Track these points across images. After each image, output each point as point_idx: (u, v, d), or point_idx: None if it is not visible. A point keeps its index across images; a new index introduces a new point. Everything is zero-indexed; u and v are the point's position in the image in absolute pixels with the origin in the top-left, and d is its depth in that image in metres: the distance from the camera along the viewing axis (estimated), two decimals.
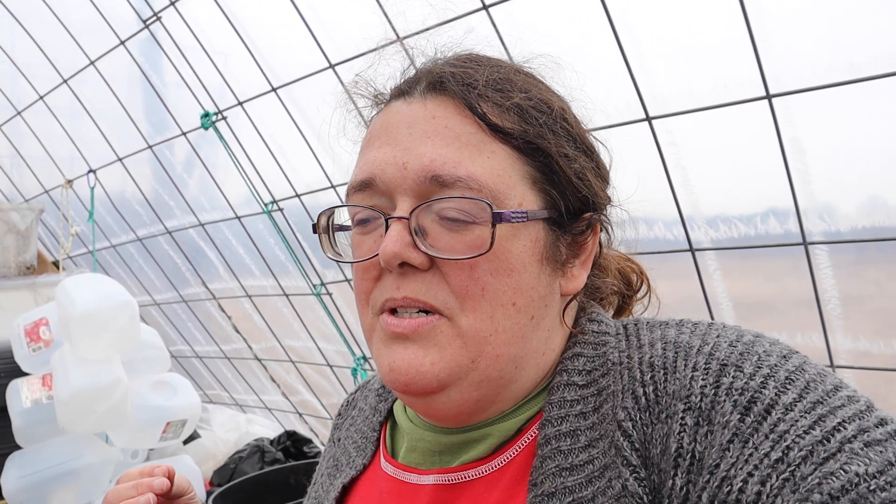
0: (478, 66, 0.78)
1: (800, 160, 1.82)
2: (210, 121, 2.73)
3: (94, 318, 2.86)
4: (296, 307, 3.37)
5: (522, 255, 0.73)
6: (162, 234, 3.67)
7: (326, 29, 2.26)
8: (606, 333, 0.78)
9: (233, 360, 4.09)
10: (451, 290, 0.71)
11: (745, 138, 1.90)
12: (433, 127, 0.74)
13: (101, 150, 3.61)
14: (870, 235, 1.85)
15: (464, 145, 0.73)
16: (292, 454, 3.62)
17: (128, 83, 3.29)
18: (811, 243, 1.89)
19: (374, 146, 0.77)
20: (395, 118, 0.77)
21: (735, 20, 1.67)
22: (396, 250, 0.70)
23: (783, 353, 0.66)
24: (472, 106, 0.74)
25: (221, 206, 3.23)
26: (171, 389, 3.29)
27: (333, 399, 3.72)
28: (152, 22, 2.63)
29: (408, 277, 0.72)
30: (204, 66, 2.70)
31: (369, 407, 0.96)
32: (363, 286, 0.77)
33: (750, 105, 1.78)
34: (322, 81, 2.39)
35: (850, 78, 1.64)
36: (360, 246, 0.77)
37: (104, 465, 3.16)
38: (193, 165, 3.25)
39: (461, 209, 0.71)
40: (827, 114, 1.78)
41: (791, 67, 1.71)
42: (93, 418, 2.91)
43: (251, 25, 2.44)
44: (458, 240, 0.71)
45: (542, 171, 0.76)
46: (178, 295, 3.97)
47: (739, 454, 0.59)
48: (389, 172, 0.73)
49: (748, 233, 2.04)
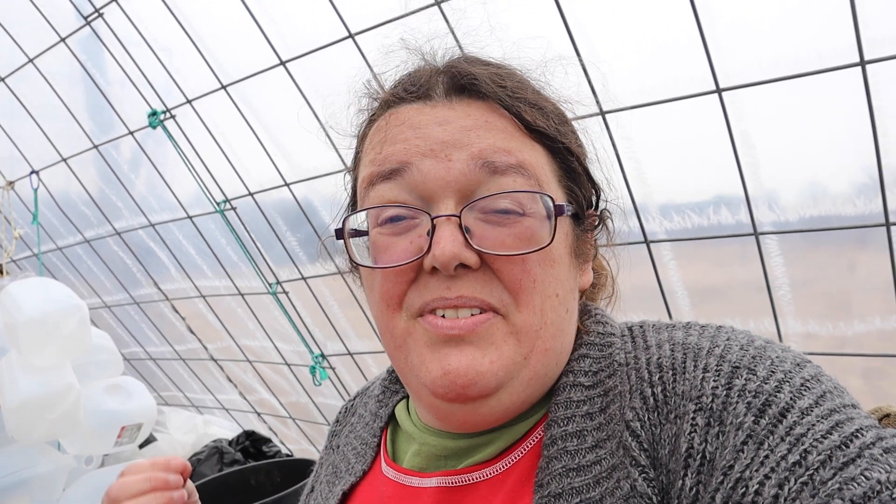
0: (494, 66, 0.77)
1: (749, 153, 1.86)
2: (158, 119, 2.66)
3: (41, 323, 2.77)
4: (251, 306, 3.33)
5: (560, 247, 0.73)
6: (111, 235, 3.58)
7: (276, 25, 2.23)
8: (612, 335, 0.78)
9: (188, 360, 4.01)
10: (505, 286, 0.70)
11: (696, 131, 1.93)
12: (473, 122, 0.72)
13: (44, 151, 3.49)
14: (816, 224, 1.90)
15: (510, 136, 0.72)
16: (252, 454, 3.58)
17: (70, 81, 3.18)
18: (762, 233, 1.94)
19: (397, 141, 0.73)
20: (418, 118, 0.74)
21: (685, 17, 1.69)
22: (456, 251, 0.67)
23: (797, 361, 0.65)
24: (508, 105, 0.73)
25: (172, 205, 3.16)
26: (124, 393, 3.21)
27: (292, 398, 3.68)
28: (94, 18, 2.55)
29: (459, 278, 0.69)
30: (151, 64, 2.63)
31: (369, 413, 0.95)
32: (395, 290, 0.73)
33: (701, 99, 1.81)
34: (272, 78, 2.36)
35: (796, 73, 1.68)
36: (389, 248, 0.73)
37: (57, 473, 3.08)
38: (141, 165, 3.17)
39: (514, 199, 0.70)
40: (775, 107, 1.82)
41: (740, 63, 1.74)
42: (44, 426, 2.83)
43: (198, 22, 2.38)
44: (506, 234, 0.70)
45: (564, 169, 0.77)
46: (130, 296, 3.88)
47: (755, 456, 0.58)
48: (428, 165, 0.70)
49: (701, 223, 2.08)
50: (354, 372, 3.17)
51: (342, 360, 3.18)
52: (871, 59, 1.54)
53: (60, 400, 2.82)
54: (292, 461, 3.12)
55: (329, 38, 2.15)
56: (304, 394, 3.53)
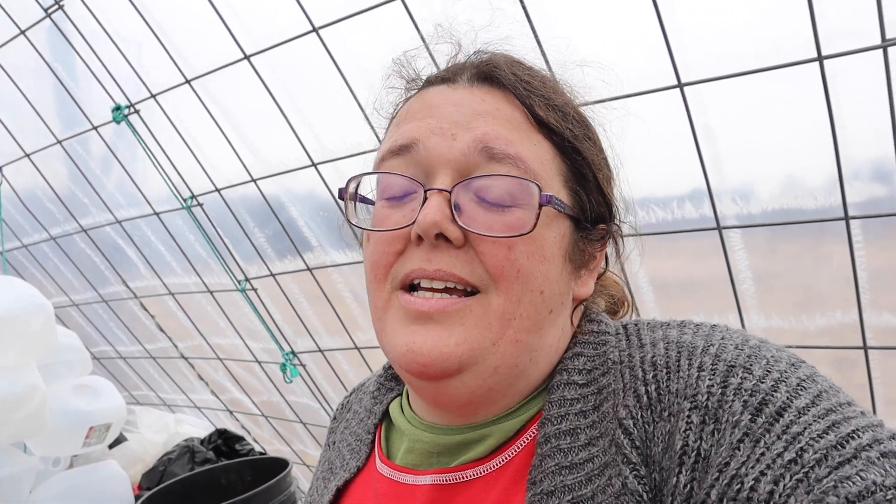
0: (524, 65, 0.80)
1: (712, 146, 1.87)
2: (122, 114, 2.62)
3: (5, 322, 2.72)
4: (221, 304, 3.30)
5: (553, 245, 0.74)
6: (77, 233, 3.53)
7: (240, 19, 2.20)
8: (606, 333, 0.78)
9: (158, 359, 3.97)
10: (486, 268, 0.71)
11: (659, 126, 1.93)
12: (484, 107, 0.74)
13: (8, 147, 3.43)
14: (780, 217, 1.91)
15: (515, 128, 0.74)
16: (224, 453, 3.55)
17: (36, 75, 3.12)
18: (725, 227, 1.95)
19: (414, 119, 0.76)
20: (437, 98, 0.76)
21: (647, 11, 1.70)
22: (437, 219, 0.69)
23: (792, 361, 0.66)
24: (521, 96, 0.75)
25: (139, 202, 3.12)
26: (92, 393, 3.17)
27: (263, 396, 3.65)
28: (54, 10, 2.51)
29: (440, 251, 0.71)
30: (114, 58, 2.59)
31: (364, 409, 0.95)
32: (383, 259, 0.75)
33: (663, 94, 1.81)
34: (237, 72, 2.33)
35: (757, 67, 1.69)
36: (386, 218, 0.75)
37: (23, 474, 3.02)
38: (108, 161, 3.12)
39: (506, 189, 0.71)
40: (737, 102, 1.82)
41: (702, 57, 1.74)
42: (9, 428, 2.78)
43: (162, 15, 2.35)
44: (496, 220, 0.71)
45: (573, 172, 0.77)
46: (98, 295, 3.83)
47: (751, 453, 0.58)
48: (434, 141, 0.73)
49: (665, 217, 2.08)
50: (325, 369, 3.15)
51: (313, 358, 3.16)
52: (829, 54, 1.55)
53: (25, 400, 2.77)
54: (263, 459, 3.09)
55: (293, 32, 2.12)
56: (275, 392, 3.50)
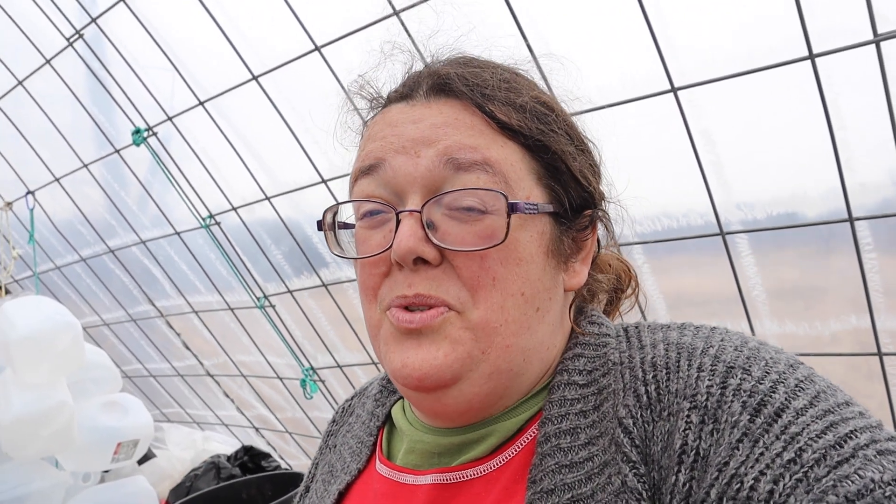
0: (480, 68, 0.79)
1: (711, 150, 1.85)
2: (141, 137, 2.71)
3: (34, 340, 2.81)
4: (242, 321, 3.35)
5: (530, 245, 0.74)
6: (105, 253, 3.63)
7: (247, 40, 2.26)
8: (607, 335, 0.79)
9: (186, 377, 4.05)
10: (463, 283, 0.72)
11: (657, 133, 1.92)
12: (443, 119, 0.75)
13: (42, 171, 3.57)
14: (785, 221, 1.88)
15: (478, 133, 0.74)
16: (250, 469, 3.59)
17: (67, 101, 3.25)
18: (728, 233, 1.92)
19: (377, 138, 0.77)
20: (397, 117, 0.77)
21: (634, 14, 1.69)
22: (411, 245, 0.70)
23: (790, 362, 0.66)
24: (479, 104, 0.75)
25: (162, 222, 3.20)
26: (121, 410, 3.24)
27: (287, 413, 3.69)
28: (75, 39, 2.61)
29: (419, 273, 0.72)
30: (132, 83, 2.68)
31: (366, 412, 0.96)
32: (370, 282, 0.76)
33: (658, 99, 1.80)
34: (247, 93, 2.39)
35: (751, 68, 1.67)
36: (366, 241, 0.76)
37: (54, 489, 3.11)
38: (132, 182, 3.22)
39: (476, 197, 0.72)
40: (736, 105, 1.80)
41: (695, 60, 1.73)
42: (38, 443, 2.86)
43: (174, 40, 2.43)
44: (469, 231, 0.71)
45: (546, 168, 0.77)
46: (127, 314, 3.93)
47: (750, 453, 0.59)
48: (399, 161, 0.73)
49: (671, 225, 2.06)
50: (345, 384, 3.17)
51: (333, 373, 3.19)
52: (820, 52, 1.53)
53: (54, 417, 2.85)
54: (284, 474, 3.12)
55: (297, 52, 2.17)
56: (298, 409, 3.54)
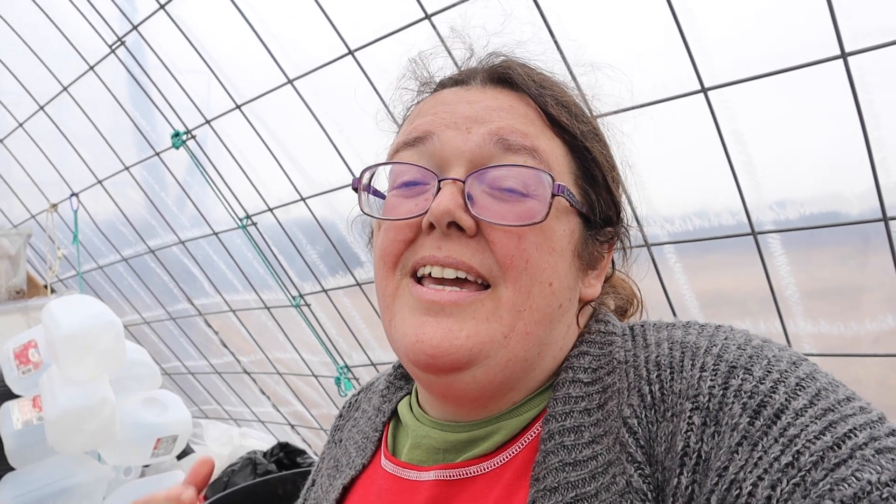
0: (536, 69, 0.82)
1: (743, 152, 1.84)
2: (180, 140, 2.78)
3: (78, 338, 2.89)
4: (279, 319, 3.41)
5: (563, 238, 0.75)
6: (147, 253, 3.73)
7: (282, 45, 2.31)
8: (613, 333, 0.78)
9: (224, 374, 4.13)
10: (496, 258, 0.71)
11: (689, 133, 1.92)
12: (498, 104, 0.76)
13: (85, 174, 3.67)
14: (820, 221, 1.86)
15: (529, 122, 0.76)
16: (286, 465, 3.64)
17: (112, 106, 3.34)
18: (760, 233, 1.91)
19: (427, 114, 0.78)
20: (450, 97, 0.78)
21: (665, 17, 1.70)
22: (450, 207, 0.70)
23: (793, 360, 0.65)
24: (534, 95, 0.77)
25: (200, 223, 3.28)
26: (160, 406, 3.32)
27: (323, 410, 3.75)
28: (117, 46, 2.69)
29: (451, 239, 0.71)
30: (172, 87, 2.75)
31: (373, 408, 0.96)
32: (393, 248, 0.75)
33: (689, 100, 1.80)
34: (283, 96, 2.44)
35: (781, 67, 1.66)
36: (397, 206, 0.76)
37: (97, 482, 3.20)
38: (172, 184, 3.30)
39: (520, 179, 0.72)
40: (767, 105, 1.79)
41: (725, 60, 1.73)
42: (81, 437, 2.95)
43: (211, 46, 2.49)
44: (508, 209, 0.71)
45: (584, 172, 0.78)
46: (166, 312, 4.02)
47: (748, 457, 0.59)
48: (449, 134, 0.74)
49: (703, 225, 2.06)
50: None
51: (367, 371, 3.23)
52: (852, 50, 1.52)
53: (96, 412, 2.93)
54: None
55: (331, 56, 2.21)
56: (333, 405, 3.59)
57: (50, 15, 2.88)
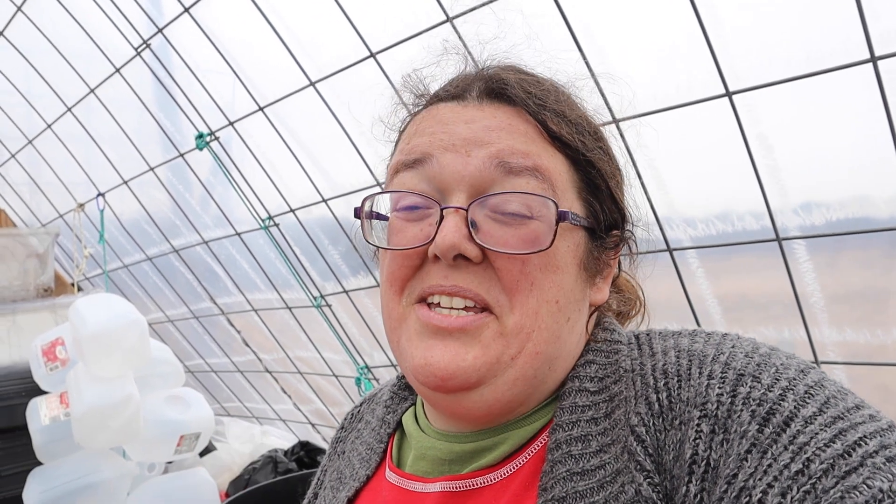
0: (534, 78, 0.80)
1: (768, 156, 1.82)
2: (204, 141, 2.80)
3: (104, 336, 2.93)
4: (300, 319, 3.43)
5: (567, 255, 0.74)
6: (171, 252, 3.77)
7: (304, 48, 2.32)
8: (619, 342, 0.78)
9: (246, 372, 4.16)
10: (502, 285, 0.71)
11: (713, 136, 1.90)
12: (496, 123, 0.75)
13: (111, 174, 3.72)
14: (846, 227, 1.83)
15: (530, 140, 0.74)
16: (306, 464, 3.67)
17: (138, 108, 3.38)
18: (784, 239, 1.88)
19: (425, 133, 0.76)
20: (448, 115, 0.77)
21: (689, 20, 1.68)
22: (455, 241, 0.69)
23: (801, 368, 0.65)
24: (534, 112, 0.75)
25: (223, 223, 3.30)
26: (184, 404, 3.36)
27: (344, 408, 3.76)
28: (143, 49, 2.72)
29: (458, 269, 0.71)
30: (195, 89, 2.78)
31: (377, 419, 0.95)
32: (400, 273, 0.75)
33: (713, 103, 1.78)
34: (305, 99, 2.45)
35: (809, 71, 1.64)
36: (401, 231, 0.75)
37: (122, 478, 3.24)
38: (195, 185, 3.33)
39: (523, 202, 0.71)
40: (792, 109, 1.77)
41: (749, 64, 1.71)
42: (107, 434, 2.99)
43: (235, 50, 2.51)
44: (512, 234, 0.71)
45: (587, 183, 0.77)
46: (189, 311, 4.07)
47: (758, 465, 0.58)
48: (448, 158, 0.73)
49: (725, 230, 2.04)
50: None
51: (388, 371, 3.24)
52: (882, 54, 1.49)
53: (121, 409, 2.97)
54: None
55: (353, 58, 2.22)
56: (352, 403, 3.60)
57: (77, 19, 2.92)
